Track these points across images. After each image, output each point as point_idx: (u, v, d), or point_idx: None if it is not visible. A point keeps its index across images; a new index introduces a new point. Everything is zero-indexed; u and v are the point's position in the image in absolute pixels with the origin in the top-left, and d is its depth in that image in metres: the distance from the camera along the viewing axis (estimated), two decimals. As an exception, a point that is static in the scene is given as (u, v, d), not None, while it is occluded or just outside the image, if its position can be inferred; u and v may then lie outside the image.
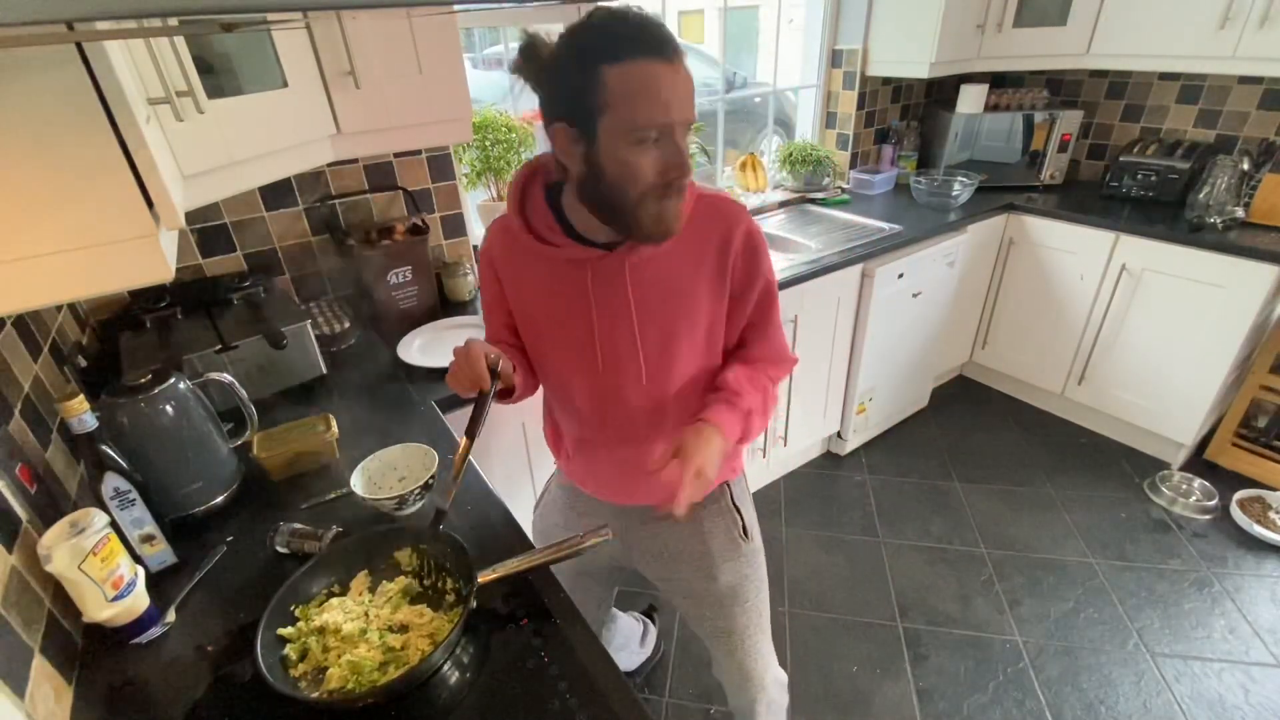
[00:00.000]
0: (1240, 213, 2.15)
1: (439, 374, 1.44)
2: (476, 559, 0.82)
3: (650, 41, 0.70)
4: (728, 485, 1.12)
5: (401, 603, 0.84)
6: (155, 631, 0.85)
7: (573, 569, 1.10)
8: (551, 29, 0.79)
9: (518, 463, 1.58)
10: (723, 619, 1.16)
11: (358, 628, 0.79)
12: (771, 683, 1.27)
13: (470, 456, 0.89)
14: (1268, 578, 1.95)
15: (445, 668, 0.77)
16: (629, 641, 1.69)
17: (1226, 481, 2.27)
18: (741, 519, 1.12)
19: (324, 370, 1.41)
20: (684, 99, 0.74)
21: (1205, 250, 2.08)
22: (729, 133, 2.67)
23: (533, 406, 1.51)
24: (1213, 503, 2.19)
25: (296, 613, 0.81)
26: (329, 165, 1.57)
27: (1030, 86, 2.67)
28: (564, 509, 1.20)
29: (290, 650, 0.78)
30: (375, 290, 1.58)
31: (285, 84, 1.13)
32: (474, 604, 0.77)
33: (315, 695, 0.73)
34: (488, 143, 1.81)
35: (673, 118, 0.73)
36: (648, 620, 1.80)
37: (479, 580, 0.80)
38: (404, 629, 0.81)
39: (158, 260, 0.67)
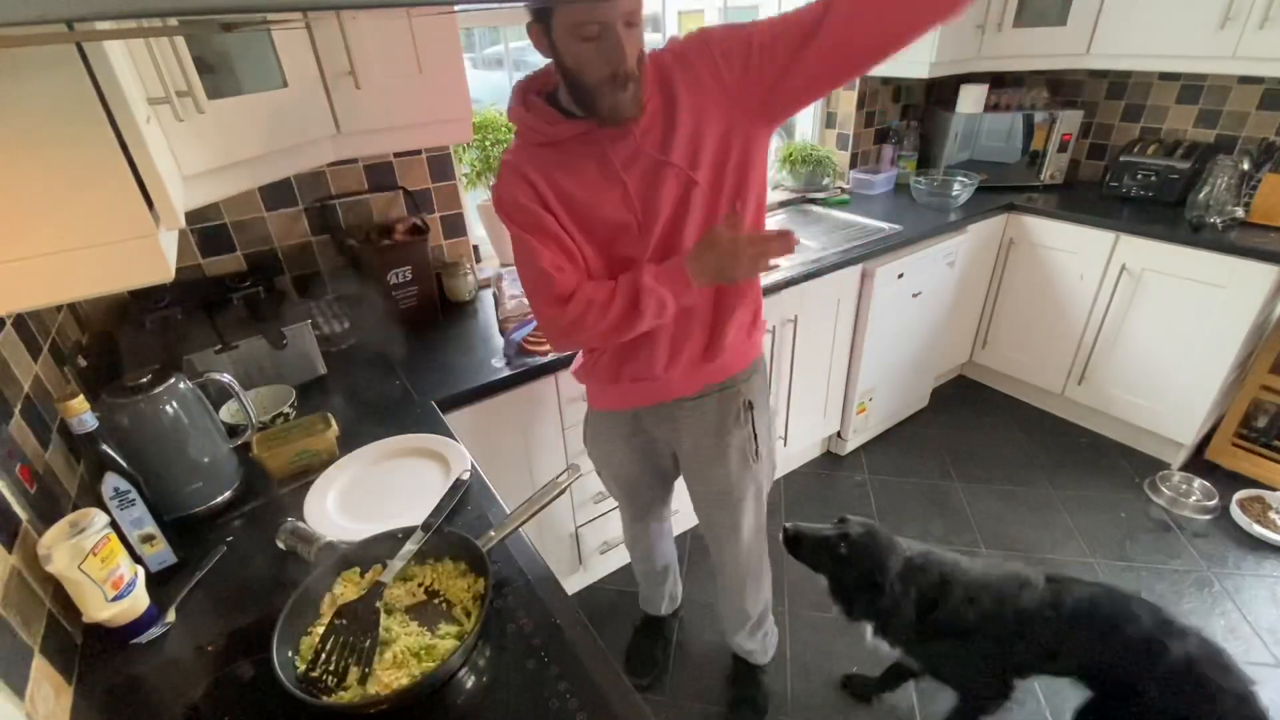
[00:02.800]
0: (1240, 213, 2.14)
1: (434, 378, 1.45)
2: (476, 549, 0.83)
3: None
4: (751, 413, 1.26)
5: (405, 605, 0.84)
6: (155, 631, 0.85)
7: (633, 478, 1.44)
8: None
9: (517, 461, 1.58)
10: (731, 517, 1.35)
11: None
12: (767, 572, 1.53)
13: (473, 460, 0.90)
14: (1268, 578, 1.95)
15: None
16: (670, 572, 1.77)
17: (1226, 481, 2.27)
18: (755, 442, 1.27)
19: (324, 370, 1.41)
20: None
21: (1205, 250, 2.08)
22: (729, 133, 2.66)
23: (534, 407, 1.52)
24: (1213, 503, 2.19)
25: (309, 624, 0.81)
26: (329, 165, 1.57)
27: (1030, 86, 2.67)
28: (608, 436, 1.38)
29: (301, 650, 0.78)
30: (375, 290, 1.58)
31: (285, 84, 1.13)
32: (490, 594, 0.78)
33: (329, 700, 0.72)
34: (488, 143, 1.81)
35: (604, 16, 0.84)
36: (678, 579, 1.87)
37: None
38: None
39: (158, 260, 0.67)
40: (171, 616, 0.87)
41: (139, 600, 0.84)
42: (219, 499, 1.05)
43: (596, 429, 1.41)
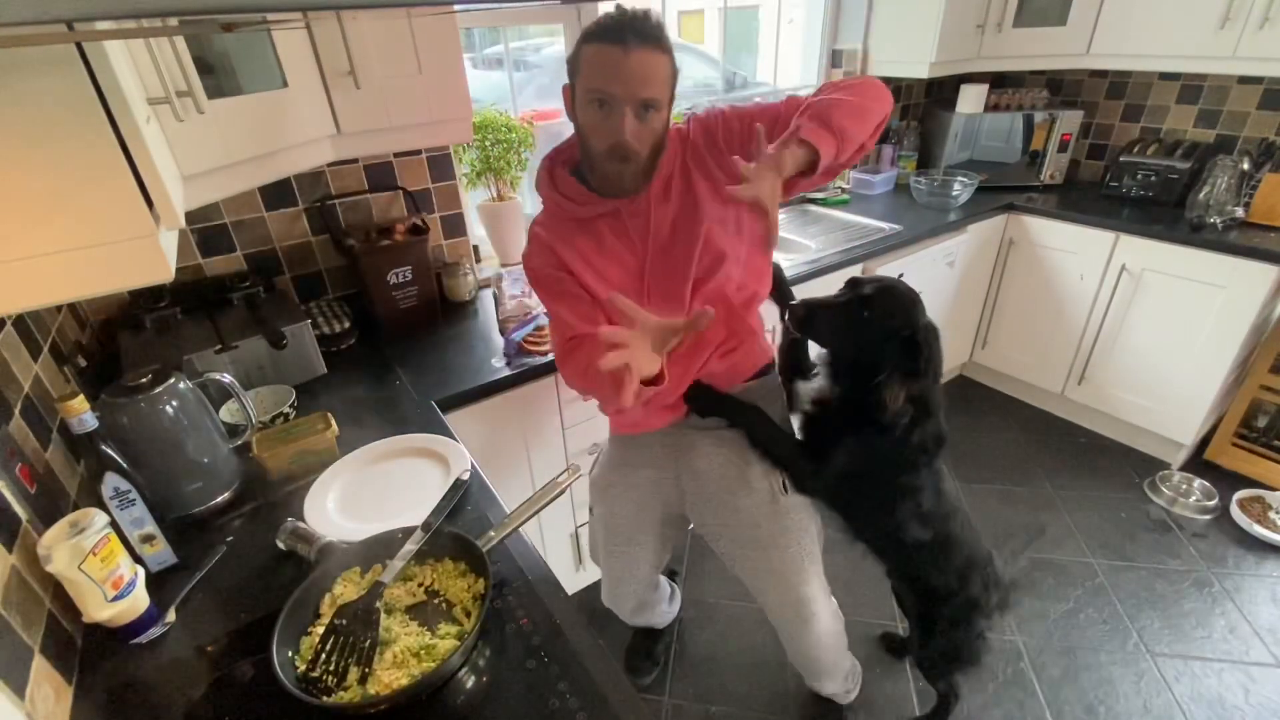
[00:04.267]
0: (1240, 213, 2.14)
1: (434, 378, 1.45)
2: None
3: (612, 30, 0.90)
4: None
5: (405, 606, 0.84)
6: (155, 631, 0.85)
7: (630, 529, 1.33)
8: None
9: (517, 461, 1.58)
10: (763, 561, 1.26)
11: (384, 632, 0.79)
12: (834, 616, 1.39)
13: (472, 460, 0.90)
14: (1268, 578, 1.95)
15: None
16: (662, 599, 1.71)
17: (1226, 481, 2.27)
18: (783, 476, 1.23)
19: (324, 370, 1.41)
20: (631, 79, 0.90)
21: (1205, 250, 2.08)
22: (729, 133, 2.66)
23: (534, 407, 1.52)
24: (1213, 503, 2.19)
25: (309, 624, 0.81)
26: (329, 165, 1.57)
27: (1030, 86, 2.67)
28: (618, 465, 1.33)
29: (301, 650, 0.78)
30: (375, 290, 1.58)
31: (285, 84, 1.13)
32: (490, 594, 0.78)
33: (329, 700, 0.72)
34: (488, 143, 1.81)
35: (614, 90, 0.90)
36: (671, 582, 1.83)
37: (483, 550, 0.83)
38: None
39: (158, 260, 0.67)
40: (171, 616, 0.87)
41: (139, 600, 0.84)
42: (219, 499, 1.05)
43: (608, 456, 1.36)
